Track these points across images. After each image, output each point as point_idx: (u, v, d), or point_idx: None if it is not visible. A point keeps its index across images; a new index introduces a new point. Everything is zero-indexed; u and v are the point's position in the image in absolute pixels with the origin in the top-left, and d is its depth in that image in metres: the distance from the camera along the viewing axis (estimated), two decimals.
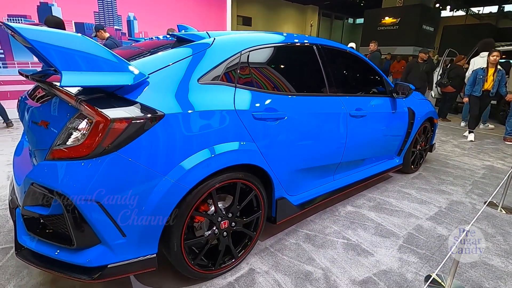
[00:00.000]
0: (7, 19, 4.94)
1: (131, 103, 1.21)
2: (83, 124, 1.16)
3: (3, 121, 4.68)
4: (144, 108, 1.21)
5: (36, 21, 5.22)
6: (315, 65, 2.03)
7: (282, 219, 1.86)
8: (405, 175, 3.23)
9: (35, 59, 5.35)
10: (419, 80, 5.75)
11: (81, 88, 1.21)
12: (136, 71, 1.24)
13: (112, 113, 1.14)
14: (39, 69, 2.07)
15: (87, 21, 5.69)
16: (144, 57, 1.46)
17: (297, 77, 1.94)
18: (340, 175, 2.34)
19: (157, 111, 1.23)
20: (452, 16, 26.27)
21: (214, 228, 1.53)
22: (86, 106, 1.13)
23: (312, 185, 2.10)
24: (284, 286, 1.57)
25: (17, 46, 5.15)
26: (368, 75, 2.60)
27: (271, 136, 1.65)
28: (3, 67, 5.04)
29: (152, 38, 2.07)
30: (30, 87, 4.35)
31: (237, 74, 1.57)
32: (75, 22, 5.59)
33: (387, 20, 20.86)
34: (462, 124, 6.17)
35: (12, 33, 1.06)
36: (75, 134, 1.17)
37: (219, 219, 1.54)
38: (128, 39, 6.00)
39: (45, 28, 1.13)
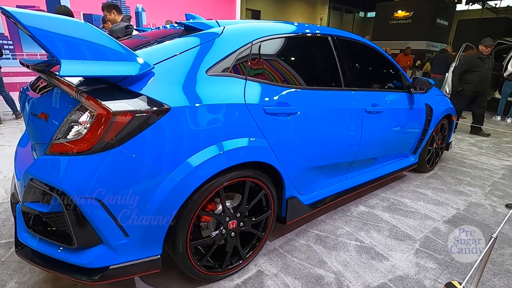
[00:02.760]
0: None
1: (135, 95, 1.12)
2: (84, 117, 1.09)
3: (12, 112, 4.70)
4: (149, 101, 1.13)
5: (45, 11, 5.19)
6: (329, 57, 1.92)
7: (292, 219, 1.78)
8: (420, 174, 3.10)
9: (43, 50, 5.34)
10: (484, 81, 4.66)
11: (83, 79, 1.13)
12: (141, 61, 1.15)
13: (115, 105, 1.06)
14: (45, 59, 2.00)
15: (96, 13, 5.63)
16: (150, 46, 1.37)
17: (311, 69, 1.83)
18: (353, 174, 2.23)
19: (163, 104, 1.15)
20: (468, 9, 25.39)
21: (222, 228, 1.45)
22: (87, 98, 1.06)
23: (324, 183, 2.00)
24: None
25: (26, 37, 5.13)
26: (384, 68, 2.47)
27: (282, 132, 1.55)
28: (12, 59, 5.03)
29: (159, 27, 1.98)
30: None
31: (247, 65, 1.48)
32: (83, 14, 5.54)
33: (400, 13, 20.27)
34: (498, 118, 6.38)
35: (14, 21, 0.98)
36: (76, 128, 1.10)
37: (227, 218, 1.46)
38: (135, 29, 5.91)
39: (43, 13, 1.05)
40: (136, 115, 1.10)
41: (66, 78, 1.10)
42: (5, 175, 2.66)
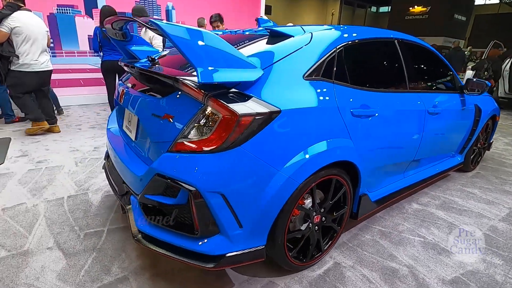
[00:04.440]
0: (57, 9, 5.08)
1: (252, 99, 1.23)
2: (209, 119, 1.20)
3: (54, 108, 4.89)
4: (264, 104, 1.24)
5: (83, 11, 5.35)
6: (397, 60, 1.99)
7: (362, 215, 1.87)
8: (464, 174, 3.15)
9: (81, 48, 5.51)
10: None
11: (203, 84, 1.24)
12: (257, 67, 1.25)
13: (240, 108, 1.17)
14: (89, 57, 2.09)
15: (129, 11, 5.76)
16: (244, 50, 1.47)
17: (384, 72, 1.91)
18: (410, 173, 2.31)
19: (275, 107, 1.25)
20: (485, 4, 24.75)
21: (309, 222, 1.56)
22: (214, 102, 1.17)
23: (387, 182, 2.09)
24: (373, 281, 1.60)
25: (65, 35, 5.31)
26: (440, 70, 2.52)
27: (363, 133, 1.64)
28: (52, 56, 5.21)
29: (233, 31, 2.08)
30: (76, 75, 4.44)
31: (333, 70, 1.56)
32: (117, 12, 5.67)
33: (416, 8, 19.92)
34: None
35: (160, 33, 1.09)
36: (201, 128, 1.21)
37: (314, 213, 1.56)
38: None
39: (184, 25, 1.16)
40: (256, 117, 1.20)
41: (190, 83, 1.21)
42: (69, 168, 2.82)
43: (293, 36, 1.54)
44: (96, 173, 2.75)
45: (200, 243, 1.25)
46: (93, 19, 5.49)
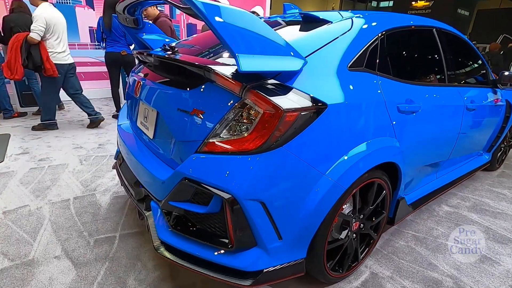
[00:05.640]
0: None
1: (295, 91, 1.06)
2: (247, 115, 1.03)
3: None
4: (309, 98, 1.07)
5: (83, 1, 5.12)
6: (437, 51, 1.82)
7: (399, 219, 1.72)
8: (489, 173, 3.00)
9: (82, 41, 5.29)
10: None
11: (239, 74, 1.06)
12: (300, 55, 1.08)
13: (284, 102, 1.00)
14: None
15: None
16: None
17: (424, 64, 1.74)
18: (442, 173, 2.15)
19: (321, 101, 1.08)
20: None
21: (348, 230, 1.40)
22: (254, 95, 1.00)
23: (421, 183, 1.93)
24: None
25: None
26: (475, 62, 2.36)
27: (408, 130, 1.48)
28: None
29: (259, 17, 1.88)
30: (77, 69, 4.27)
31: (376, 60, 1.39)
32: None
33: (419, 3, 19.63)
34: None
35: (191, 13, 0.92)
36: (237, 126, 1.04)
37: (353, 220, 1.41)
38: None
39: (223, 4, 0.98)
40: (302, 113, 1.03)
41: (224, 72, 1.04)
42: (73, 167, 2.64)
43: (331, 22, 1.37)
44: (102, 172, 2.57)
45: (235, 257, 1.09)
46: (94, 10, 5.27)
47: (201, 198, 1.10)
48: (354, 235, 1.45)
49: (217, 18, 0.92)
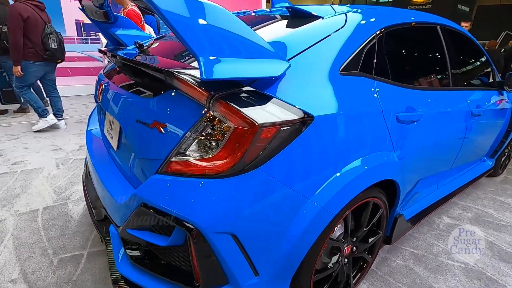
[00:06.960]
0: None
1: (274, 100, 0.88)
2: (216, 130, 0.85)
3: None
4: (292, 109, 0.89)
5: None
6: (441, 51, 1.64)
7: (397, 238, 1.56)
8: (491, 179, 2.84)
9: (68, 34, 5.06)
10: None
11: (209, 81, 0.88)
12: (281, 57, 0.90)
13: (259, 115, 0.83)
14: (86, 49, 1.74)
15: None
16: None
17: (427, 66, 1.56)
18: (443, 183, 1.98)
19: (305, 112, 0.91)
20: None
21: (338, 255, 1.24)
22: (223, 106, 0.82)
23: (421, 196, 1.77)
24: None
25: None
26: (481, 63, 2.18)
27: (408, 142, 1.31)
28: None
29: (243, 12, 1.69)
30: (62, 64, 4.05)
31: (373, 62, 1.21)
32: None
33: None
34: None
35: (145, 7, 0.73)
36: (206, 143, 0.86)
37: (345, 244, 1.24)
38: None
39: None
40: (282, 128, 0.86)
41: (188, 78, 0.86)
42: (49, 172, 2.46)
43: (322, 18, 1.18)
44: (79, 177, 2.39)
45: None
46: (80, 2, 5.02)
47: (162, 228, 0.93)
48: (345, 260, 1.29)
49: (174, 12, 0.73)
